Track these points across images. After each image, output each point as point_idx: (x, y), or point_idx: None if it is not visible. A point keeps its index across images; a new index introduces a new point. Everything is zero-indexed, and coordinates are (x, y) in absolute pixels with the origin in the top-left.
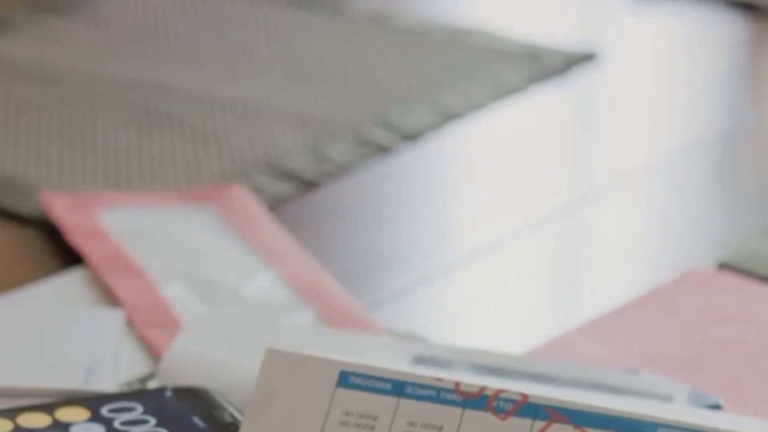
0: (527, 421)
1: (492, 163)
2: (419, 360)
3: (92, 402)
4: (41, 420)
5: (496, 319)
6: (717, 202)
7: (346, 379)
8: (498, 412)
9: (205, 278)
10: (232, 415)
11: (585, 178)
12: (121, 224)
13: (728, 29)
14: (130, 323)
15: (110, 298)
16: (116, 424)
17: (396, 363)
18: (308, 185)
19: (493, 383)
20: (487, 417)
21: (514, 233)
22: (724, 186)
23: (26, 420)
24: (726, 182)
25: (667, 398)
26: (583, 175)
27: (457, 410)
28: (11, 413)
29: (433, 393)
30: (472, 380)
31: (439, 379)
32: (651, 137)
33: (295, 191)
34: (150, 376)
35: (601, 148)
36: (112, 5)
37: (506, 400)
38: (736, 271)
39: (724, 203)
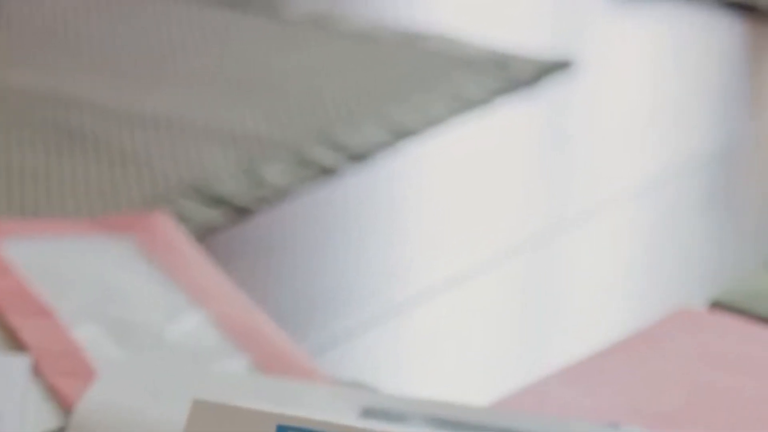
0: None
1: (452, 187)
2: (368, 413)
3: None
4: None
5: (458, 366)
6: (710, 232)
7: None
8: None
9: (123, 319)
10: None
11: (559, 204)
12: (26, 257)
13: (723, 33)
14: (37, 370)
15: (14, 342)
16: None
17: (341, 416)
18: (241, 212)
19: None
20: None
21: (477, 267)
22: (718, 213)
23: None
24: (720, 208)
25: None
26: (557, 200)
27: None
28: None
29: None
30: None
31: None
32: (634, 157)
33: (227, 219)
34: (59, 431)
35: (577, 169)
36: (16, 6)
37: None
38: (731, 311)
39: (718, 232)
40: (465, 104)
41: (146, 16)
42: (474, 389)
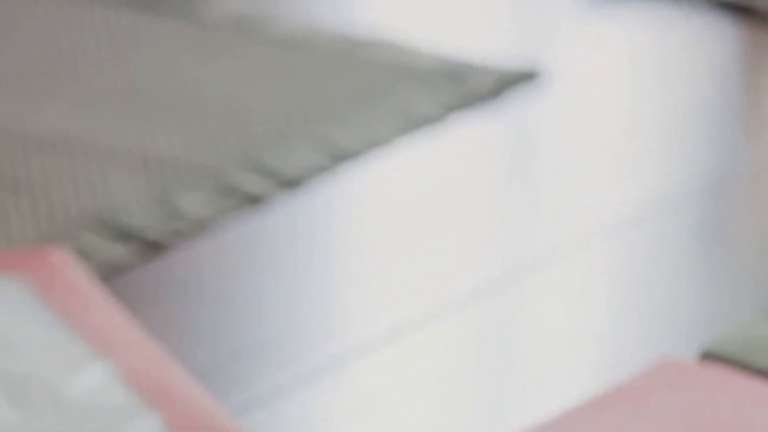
0: None
1: (397, 220)
2: None
3: None
4: None
5: (401, 429)
6: (699, 273)
7: None
8: None
9: (15, 373)
10: None
11: (522, 241)
12: None
13: (715, 39)
14: None
15: None
16: None
17: None
18: (154, 248)
19: None
20: None
21: (426, 314)
22: (708, 251)
23: None
24: (711, 246)
25: None
26: (519, 236)
27: None
28: None
29: None
30: None
31: None
32: (611, 186)
33: (137, 256)
34: None
35: (543, 199)
36: None
37: None
38: (725, 363)
39: (708, 274)
40: (413, 122)
41: (42, 20)
42: None
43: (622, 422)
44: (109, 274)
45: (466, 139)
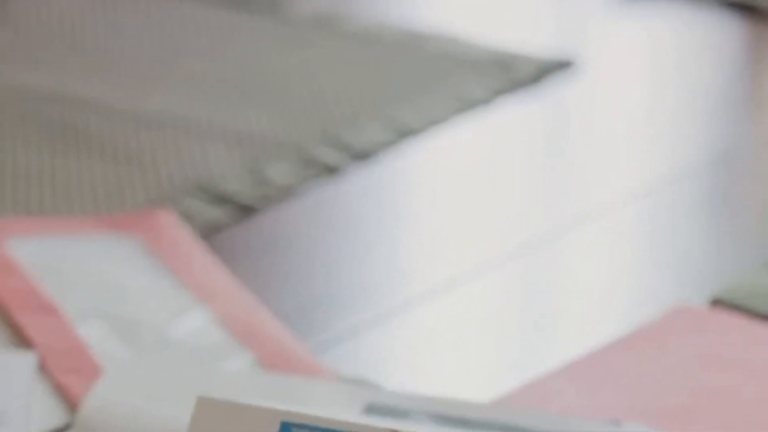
0: None
1: (454, 187)
2: (371, 409)
3: None
4: None
5: (459, 363)
6: (710, 232)
7: (288, 430)
8: None
9: (128, 318)
10: None
11: (560, 205)
12: (32, 256)
13: (723, 34)
14: (42, 368)
15: (20, 340)
16: None
17: (345, 412)
18: (246, 211)
19: None
20: None
21: (479, 267)
22: (718, 214)
23: None
24: (720, 210)
25: None
26: (557, 201)
27: None
28: None
29: None
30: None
31: (395, 431)
32: (635, 159)
33: (231, 218)
34: (66, 428)
35: (578, 170)
36: (22, 5)
37: None
38: (731, 309)
39: (717, 233)
40: (467, 104)
41: (151, 17)
42: (476, 386)
43: (643, 359)
44: (208, 233)
45: (510, 118)
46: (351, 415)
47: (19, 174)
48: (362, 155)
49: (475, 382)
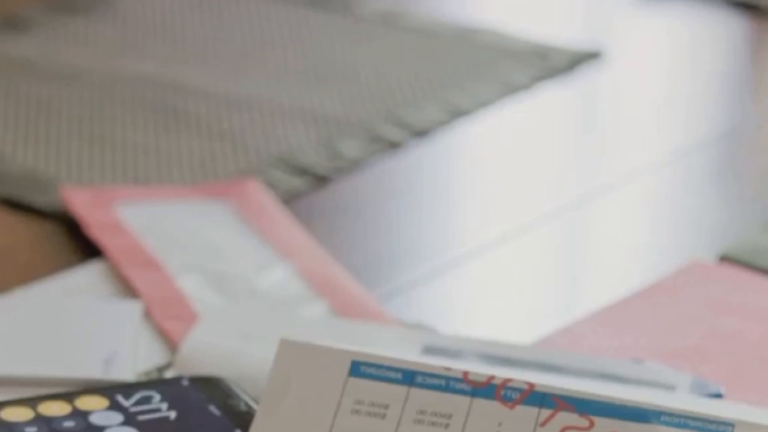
0: (534, 410)
1: (499, 160)
2: (429, 350)
3: (111, 391)
4: (61, 408)
5: (504, 311)
6: (718, 198)
7: (358, 368)
8: (506, 400)
9: (221, 271)
10: (247, 404)
11: (590, 175)
12: (138, 219)
13: (729, 29)
14: (147, 315)
15: (128, 291)
16: (134, 413)
17: (406, 353)
18: (320, 180)
19: (501, 373)
20: (495, 405)
21: (521, 228)
22: (725, 182)
23: (47, 408)
24: (727, 179)
25: (670, 387)
26: (588, 171)
27: (466, 399)
28: (32, 402)
29: (443, 382)
30: (480, 370)
31: (449, 369)
32: (654, 135)
33: (308, 186)
34: (167, 366)
35: (605, 145)
36: (130, 4)
37: (514, 389)
38: (736, 264)
39: (725, 199)
40: (510, 89)
41: (239, 14)
42: (517, 330)
43: (661, 307)
44: (289, 200)
45: (547, 101)
46: (411, 355)
47: (128, 148)
48: (421, 133)
49: (517, 326)
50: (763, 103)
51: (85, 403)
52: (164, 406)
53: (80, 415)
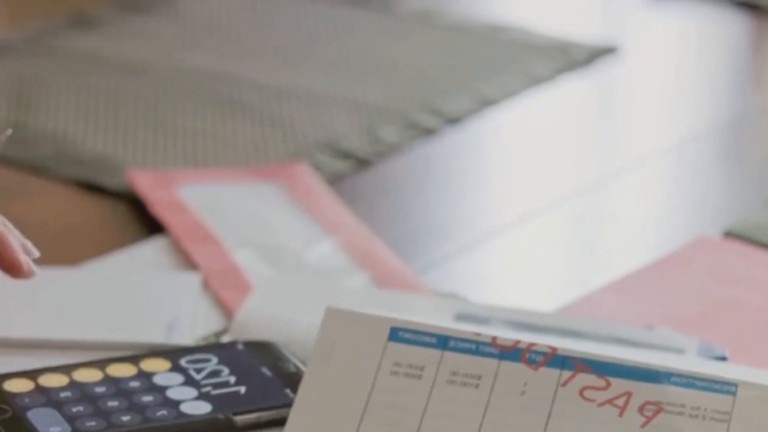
0: (555, 371)
1: (524, 145)
2: (461, 317)
3: (172, 354)
4: (128, 370)
5: (529, 281)
6: (723, 179)
7: (396, 334)
8: (530, 363)
9: (272, 246)
10: (296, 366)
11: (606, 159)
12: (197, 198)
13: (733, 26)
14: (206, 285)
15: (188, 263)
16: (193, 374)
17: (440, 320)
18: (362, 163)
19: (526, 337)
20: (520, 367)
21: (544, 206)
22: (729, 165)
23: (115, 370)
24: (731, 162)
25: (679, 351)
26: (604, 156)
27: (494, 361)
28: (101, 364)
29: (473, 346)
30: (507, 335)
31: (478, 334)
32: (665, 123)
33: (351, 169)
34: (224, 331)
35: (620, 132)
36: (190, 4)
37: (537, 352)
38: (740, 239)
39: (729, 180)
40: (534, 81)
41: (289, 13)
42: (541, 299)
43: (670, 278)
44: (333, 181)
45: (568, 92)
46: (444, 321)
47: (188, 135)
48: (453, 120)
49: (541, 295)
50: (763, 94)
51: (149, 365)
52: (221, 368)
53: (145, 376)
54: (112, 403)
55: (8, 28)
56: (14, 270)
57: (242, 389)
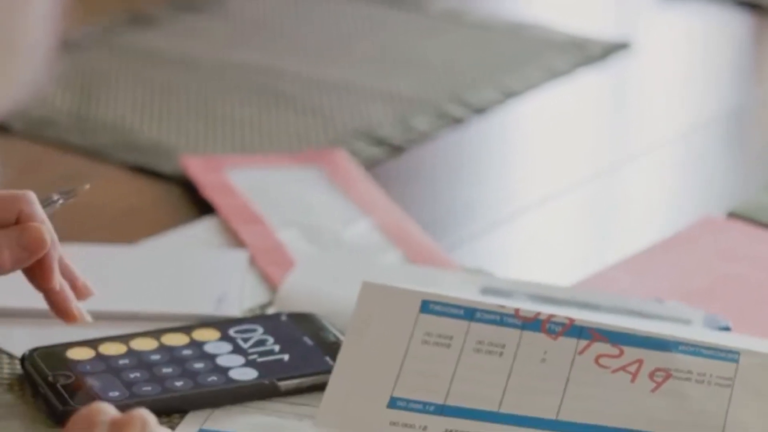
0: (573, 341)
1: (544, 133)
2: (486, 291)
3: (222, 325)
4: (180, 339)
5: (549, 258)
6: (727, 164)
7: (427, 306)
8: (550, 333)
9: (313, 225)
10: (335, 336)
11: (620, 146)
12: (245, 182)
13: (736, 24)
14: (252, 261)
15: (236, 242)
16: (241, 343)
17: (467, 293)
18: (396, 150)
19: (546, 310)
20: (541, 337)
21: (562, 189)
22: (732, 151)
23: (168, 339)
24: (734, 148)
25: (686, 322)
26: (618, 143)
27: (517, 332)
28: (156, 334)
29: (498, 318)
30: (529, 307)
31: (502, 307)
32: (673, 112)
33: (385, 155)
34: (269, 304)
35: (632, 121)
36: (238, 4)
37: (556, 323)
38: (742, 219)
39: (732, 164)
40: (554, 74)
41: (329, 12)
42: (560, 274)
43: (678, 255)
44: (369, 166)
45: (585, 84)
46: (471, 295)
47: (236, 123)
48: (479, 110)
49: (559, 271)
50: (764, 86)
51: (200, 334)
52: (266, 337)
53: (196, 345)
54: (166, 370)
55: (76, 26)
56: (68, 317)
57: (286, 357)
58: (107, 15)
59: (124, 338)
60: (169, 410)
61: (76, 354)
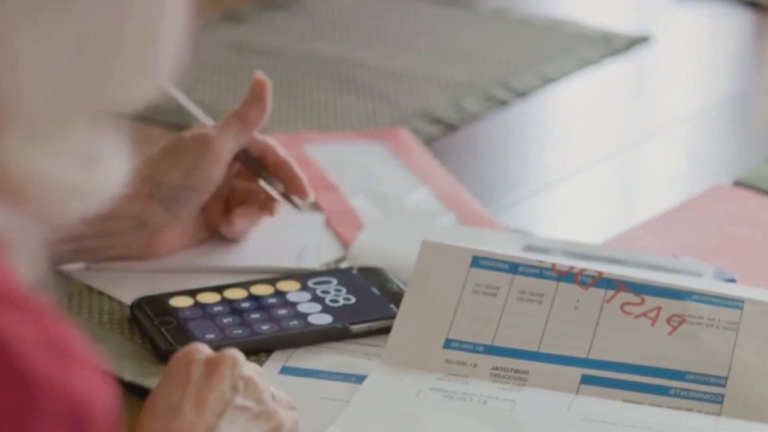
0: (602, 291)
1: (577, 113)
2: (527, 248)
3: (302, 277)
4: (266, 289)
5: (581, 220)
6: (733, 140)
7: (477, 261)
8: (582, 284)
9: (380, 193)
10: (398, 287)
11: (641, 125)
12: (321, 155)
13: (740, 21)
14: (328, 223)
15: (315, 206)
16: (318, 293)
17: (511, 250)
18: (450, 128)
19: (579, 264)
20: (574, 288)
21: (592, 162)
22: (738, 129)
23: (256, 289)
24: (739, 126)
25: (698, 275)
26: (640, 122)
27: (554, 283)
28: (246, 285)
29: (537, 271)
30: (564, 262)
31: (541, 262)
32: (687, 96)
33: (441, 132)
34: (342, 259)
35: (652, 103)
36: (316, 3)
37: (587, 275)
38: (747, 188)
39: (738, 140)
40: (585, 63)
41: (394, 10)
42: (591, 234)
43: (692, 218)
44: (428, 142)
45: (611, 72)
46: (514, 252)
47: (313, 106)
48: (521, 94)
49: (590, 231)
50: (764, 74)
51: (283, 285)
52: (340, 288)
53: (280, 294)
54: (254, 316)
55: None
56: (304, 194)
57: (356, 304)
58: (203, 13)
59: (218, 288)
60: (256, 350)
61: (177, 302)
